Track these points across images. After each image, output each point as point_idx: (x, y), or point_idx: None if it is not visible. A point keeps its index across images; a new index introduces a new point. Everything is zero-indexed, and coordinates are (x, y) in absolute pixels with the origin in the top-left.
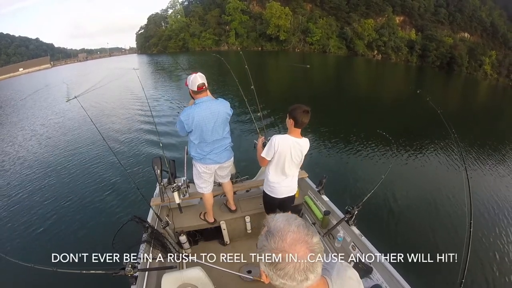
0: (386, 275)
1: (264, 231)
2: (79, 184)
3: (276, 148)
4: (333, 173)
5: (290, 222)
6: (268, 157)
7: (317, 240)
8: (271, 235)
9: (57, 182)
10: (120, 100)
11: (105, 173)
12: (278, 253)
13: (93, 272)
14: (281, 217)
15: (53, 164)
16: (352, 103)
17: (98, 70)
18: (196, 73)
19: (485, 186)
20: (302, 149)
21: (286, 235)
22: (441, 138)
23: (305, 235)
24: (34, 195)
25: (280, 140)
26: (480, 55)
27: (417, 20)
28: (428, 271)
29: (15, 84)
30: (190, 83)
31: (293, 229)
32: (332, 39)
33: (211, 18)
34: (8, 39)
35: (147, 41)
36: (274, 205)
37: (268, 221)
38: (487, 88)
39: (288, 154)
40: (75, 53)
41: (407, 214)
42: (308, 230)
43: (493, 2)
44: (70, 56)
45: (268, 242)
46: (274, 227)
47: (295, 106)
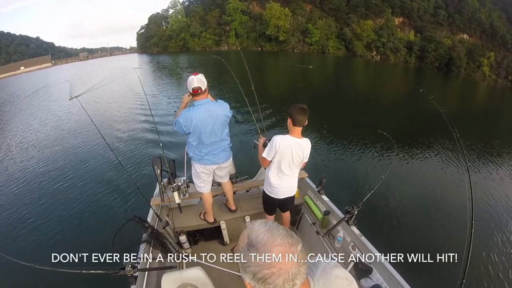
0: (386, 275)
1: (245, 243)
2: (79, 184)
3: (277, 149)
4: (333, 173)
5: (273, 234)
6: (269, 158)
7: (301, 247)
8: (255, 250)
9: (57, 182)
10: (121, 99)
11: (105, 172)
12: (266, 269)
13: (93, 272)
14: (262, 228)
15: (53, 163)
16: (352, 103)
17: (99, 70)
18: (196, 75)
19: (487, 187)
20: (303, 149)
21: (273, 250)
22: (442, 138)
23: (290, 246)
24: (34, 194)
25: (281, 140)
26: (479, 56)
27: (416, 22)
28: (428, 271)
29: (17, 83)
30: (188, 84)
31: (279, 242)
32: (331, 40)
33: (212, 19)
34: (8, 37)
35: (147, 41)
36: (274, 205)
37: (249, 232)
38: (485, 89)
39: (289, 155)
40: (76, 52)
41: (407, 214)
42: (293, 239)
43: (492, 4)
44: (70, 55)
45: (253, 258)
46: (257, 240)
47: (292, 105)
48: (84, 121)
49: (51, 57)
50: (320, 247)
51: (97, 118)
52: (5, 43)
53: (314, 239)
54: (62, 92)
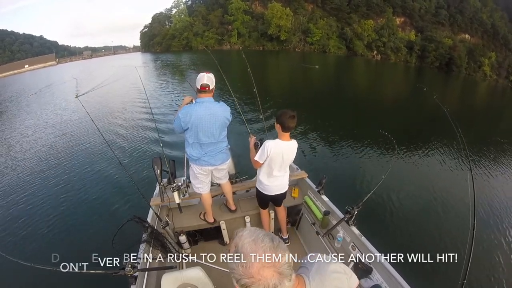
0: (386, 275)
1: (233, 249)
2: (79, 183)
3: (268, 153)
4: (333, 173)
5: (257, 244)
6: (261, 161)
7: (285, 260)
8: (239, 258)
9: (56, 181)
10: (122, 99)
11: (105, 172)
12: (246, 278)
13: (92, 272)
14: (248, 238)
15: (53, 163)
16: (353, 102)
17: (102, 69)
18: (207, 73)
19: (489, 187)
20: (293, 151)
21: (253, 262)
22: (443, 137)
23: (273, 258)
24: (33, 194)
25: (272, 146)
26: (480, 56)
27: (417, 21)
28: (428, 271)
29: (22, 81)
30: (197, 80)
31: (260, 253)
32: (332, 39)
33: (214, 18)
34: (12, 36)
35: (151, 40)
36: (267, 201)
37: (237, 240)
38: (486, 89)
39: (279, 158)
40: (79, 51)
41: (408, 214)
42: (276, 251)
43: (494, 4)
44: (74, 53)
45: (236, 265)
46: (242, 249)
47: (281, 111)
48: (85, 120)
49: (55, 56)
50: (320, 247)
51: (99, 117)
52: (8, 42)
53: (314, 239)
54: (68, 90)
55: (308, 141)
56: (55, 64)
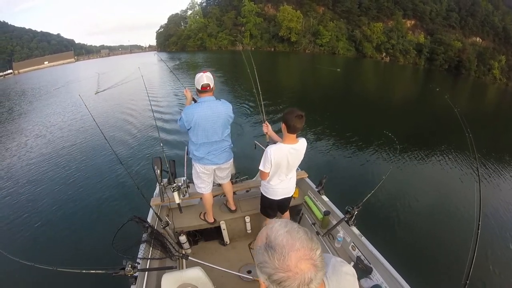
0: (386, 275)
1: (263, 242)
2: (79, 183)
3: (272, 160)
4: (333, 173)
5: (293, 237)
6: (266, 170)
7: (320, 252)
8: (273, 251)
9: (57, 181)
10: (126, 98)
11: (106, 172)
12: (282, 272)
13: (93, 272)
14: (282, 229)
15: (54, 162)
16: (358, 103)
17: (120, 68)
18: (205, 72)
19: (497, 189)
20: (300, 153)
21: (291, 254)
22: (450, 137)
23: (309, 251)
24: (33, 194)
25: (275, 151)
26: (489, 59)
27: (428, 24)
28: (428, 272)
29: (42, 76)
30: (196, 81)
31: (298, 247)
32: (341, 41)
33: (228, 20)
34: (30, 33)
35: (166, 40)
36: (274, 207)
37: (268, 232)
38: (496, 92)
39: (284, 163)
40: (96, 49)
41: (409, 214)
42: (312, 243)
43: (506, 7)
44: (91, 51)
45: (270, 259)
46: (276, 242)
47: (288, 109)
48: (86, 121)
49: (74, 53)
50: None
51: (100, 118)
52: (26, 39)
53: None
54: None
55: (308, 141)
56: (73, 62)
